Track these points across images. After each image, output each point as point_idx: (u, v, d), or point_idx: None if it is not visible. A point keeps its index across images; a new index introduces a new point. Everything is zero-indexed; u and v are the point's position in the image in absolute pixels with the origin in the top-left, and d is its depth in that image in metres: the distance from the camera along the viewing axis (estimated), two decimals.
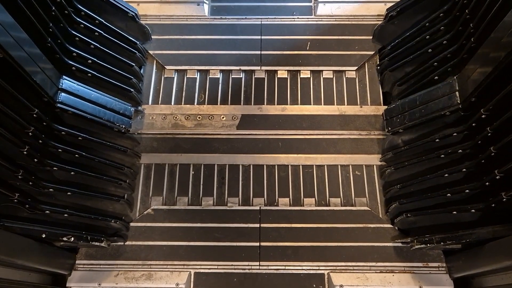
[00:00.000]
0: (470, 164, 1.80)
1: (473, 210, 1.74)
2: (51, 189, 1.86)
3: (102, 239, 1.98)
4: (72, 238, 1.86)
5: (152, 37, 2.58)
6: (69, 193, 1.94)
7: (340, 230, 2.10)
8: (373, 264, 2.02)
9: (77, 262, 2.06)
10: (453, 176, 1.90)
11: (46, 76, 1.78)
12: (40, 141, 1.79)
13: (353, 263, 2.02)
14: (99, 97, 2.15)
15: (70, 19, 2.09)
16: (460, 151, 1.87)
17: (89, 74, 2.12)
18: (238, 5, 2.73)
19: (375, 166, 2.30)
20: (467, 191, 1.78)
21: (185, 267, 2.05)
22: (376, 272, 2.00)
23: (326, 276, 2.01)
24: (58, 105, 1.91)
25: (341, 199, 2.23)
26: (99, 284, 2.00)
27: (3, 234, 1.62)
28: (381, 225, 2.10)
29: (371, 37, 2.56)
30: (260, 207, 2.17)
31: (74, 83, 2.02)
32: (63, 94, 1.94)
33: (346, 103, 2.45)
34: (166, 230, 2.14)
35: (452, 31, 2.10)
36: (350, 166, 2.30)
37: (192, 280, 2.02)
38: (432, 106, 2.04)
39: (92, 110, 2.09)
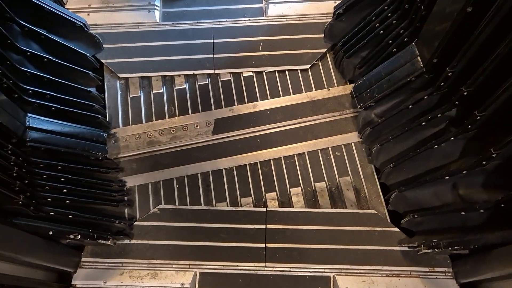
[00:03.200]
0: (458, 132, 1.77)
1: (481, 210, 1.68)
2: (49, 199, 1.86)
3: (109, 237, 1.97)
4: (79, 236, 1.85)
5: (104, 46, 2.56)
6: (67, 201, 1.94)
7: (347, 232, 2.08)
8: (379, 267, 1.99)
9: (83, 259, 2.05)
10: (443, 148, 1.87)
11: (11, 117, 1.76)
12: (26, 180, 1.78)
13: (359, 266, 2.00)
14: (69, 129, 2.12)
15: (16, 51, 2.02)
16: (439, 115, 1.86)
17: (53, 108, 2.09)
18: (189, 10, 2.74)
19: (353, 144, 2.32)
20: (464, 172, 1.74)
21: (190, 267, 2.03)
22: (382, 276, 1.97)
23: (331, 279, 1.98)
24: (29, 143, 1.87)
25: (326, 182, 2.24)
26: (104, 282, 1.99)
27: (10, 231, 1.62)
28: (388, 229, 2.08)
29: (322, 35, 2.59)
30: (266, 209, 2.16)
31: (41, 119, 1.99)
32: (32, 132, 1.91)
33: (314, 89, 2.48)
34: (172, 229, 2.12)
35: (399, 11, 2.12)
36: (330, 148, 2.32)
37: (197, 280, 2.00)
38: (397, 75, 2.05)
39: (65, 143, 2.06)
